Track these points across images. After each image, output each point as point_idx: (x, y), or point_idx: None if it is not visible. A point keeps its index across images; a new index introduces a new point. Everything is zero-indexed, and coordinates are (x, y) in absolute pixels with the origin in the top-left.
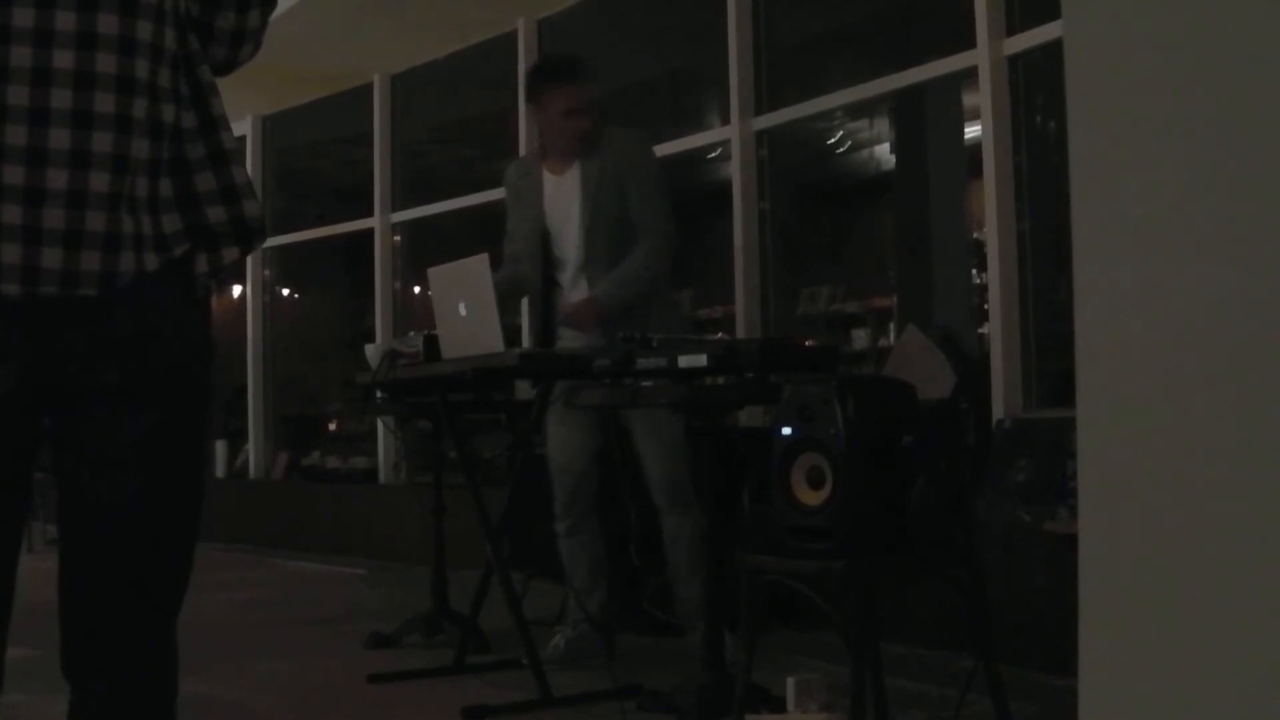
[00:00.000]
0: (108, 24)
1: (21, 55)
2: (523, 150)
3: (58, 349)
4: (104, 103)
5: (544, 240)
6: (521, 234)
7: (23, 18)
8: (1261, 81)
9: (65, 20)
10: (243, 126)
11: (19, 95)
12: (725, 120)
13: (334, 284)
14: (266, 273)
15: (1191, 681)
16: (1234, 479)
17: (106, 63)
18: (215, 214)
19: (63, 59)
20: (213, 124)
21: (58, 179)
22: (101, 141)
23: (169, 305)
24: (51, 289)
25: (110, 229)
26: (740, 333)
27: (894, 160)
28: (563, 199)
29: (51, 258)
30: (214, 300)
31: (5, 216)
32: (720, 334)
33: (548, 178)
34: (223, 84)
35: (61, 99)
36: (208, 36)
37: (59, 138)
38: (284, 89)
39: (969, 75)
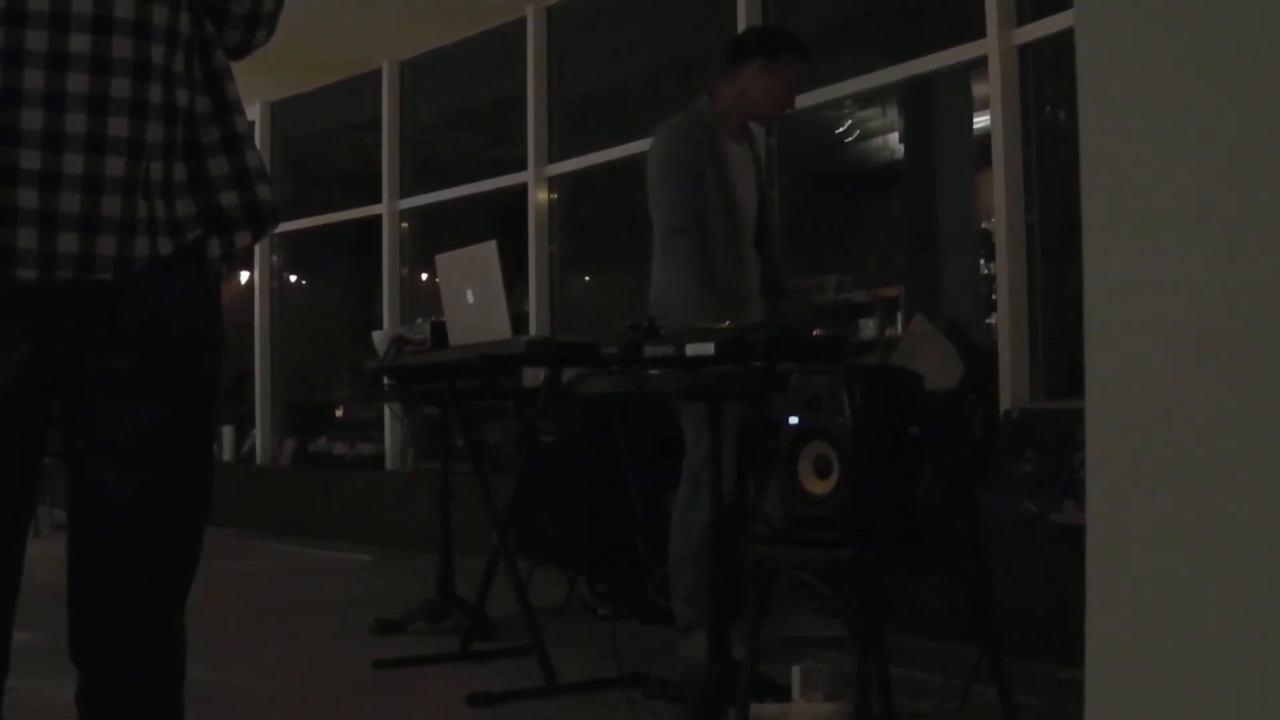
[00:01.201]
0: (124, 8)
1: (38, 40)
2: (531, 136)
3: (70, 335)
4: (120, 87)
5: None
6: (714, 207)
7: (39, 3)
8: (1273, 72)
9: (81, 5)
10: (251, 112)
11: (36, 80)
12: None
13: (342, 270)
14: (274, 259)
15: (1198, 673)
16: (1242, 471)
17: (122, 47)
18: (228, 198)
19: (79, 44)
20: (226, 108)
21: (74, 164)
22: (117, 126)
23: (181, 290)
24: (68, 274)
25: (126, 214)
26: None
27: (903, 150)
28: (743, 170)
29: (68, 242)
30: (222, 286)
31: (22, 201)
32: (727, 322)
33: (731, 146)
34: (232, 67)
35: (78, 83)
36: (222, 20)
37: (75, 122)
38: (292, 75)
39: (979, 65)
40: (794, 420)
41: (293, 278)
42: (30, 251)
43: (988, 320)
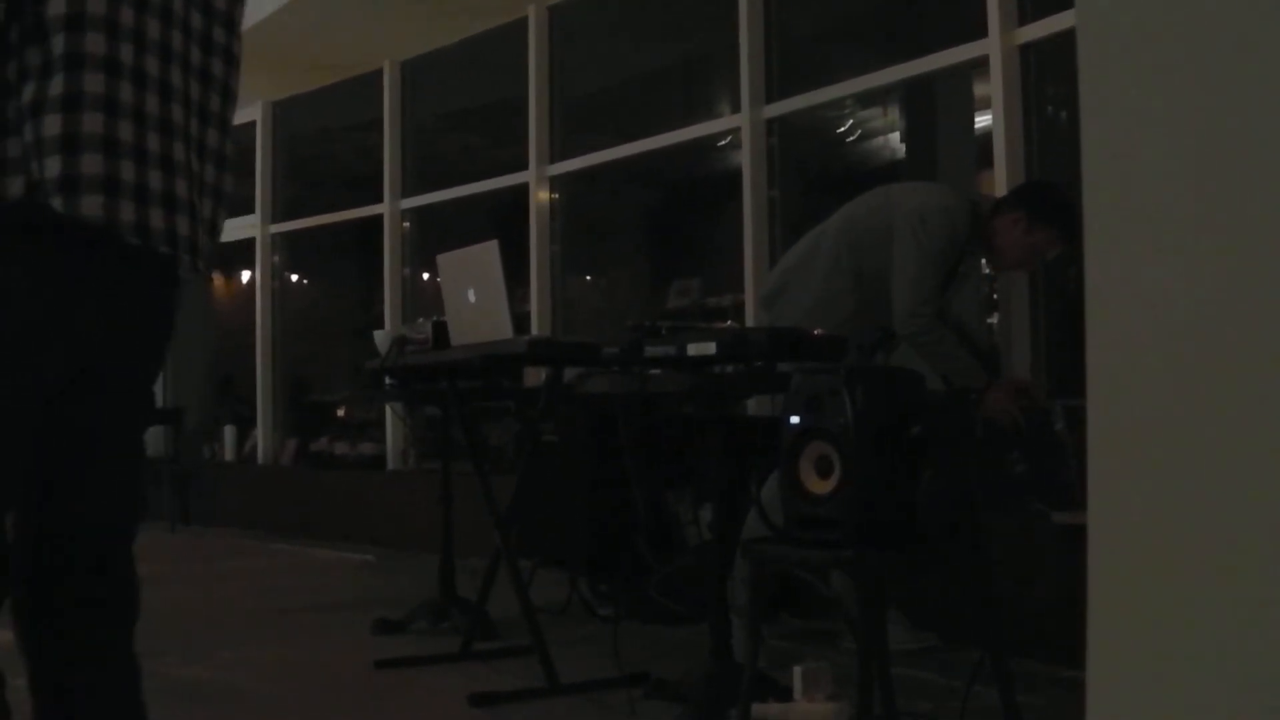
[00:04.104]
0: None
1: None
2: (532, 136)
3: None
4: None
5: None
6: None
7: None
8: (1275, 72)
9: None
10: (253, 112)
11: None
12: (735, 109)
13: (343, 270)
14: (276, 259)
15: (1199, 673)
16: (1243, 471)
17: (218, 69)
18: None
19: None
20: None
21: (182, 153)
22: (213, 138)
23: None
24: (183, 254)
25: (197, 212)
26: (749, 321)
27: (904, 150)
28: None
29: (184, 226)
30: (222, 285)
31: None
32: (729, 322)
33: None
34: None
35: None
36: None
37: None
38: (294, 75)
39: (980, 65)
40: (795, 420)
41: (294, 277)
42: (160, 230)
43: (990, 320)
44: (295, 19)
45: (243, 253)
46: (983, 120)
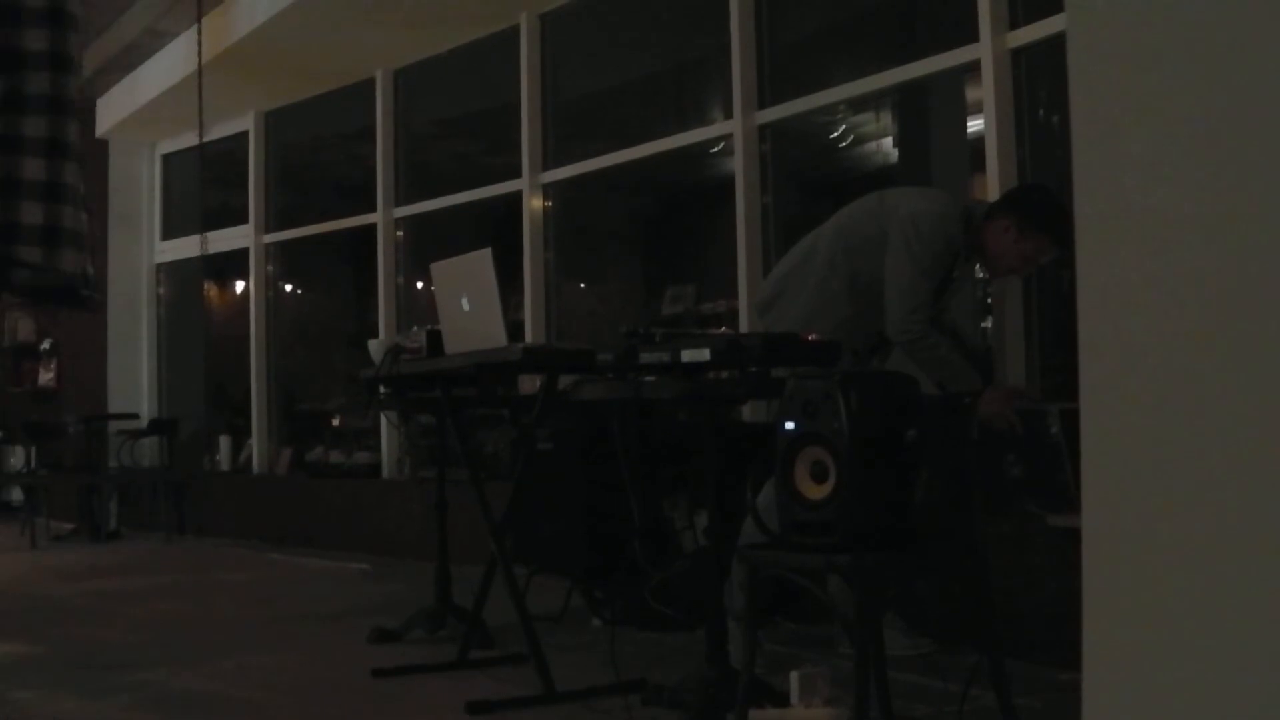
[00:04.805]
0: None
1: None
2: (525, 144)
3: None
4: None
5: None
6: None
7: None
8: (1265, 75)
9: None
10: (245, 122)
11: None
12: (728, 115)
13: (337, 279)
14: (270, 268)
15: (1195, 675)
16: (1237, 472)
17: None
18: None
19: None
20: None
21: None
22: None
23: None
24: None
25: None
26: (743, 327)
27: (897, 155)
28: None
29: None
30: (216, 295)
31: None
32: (723, 328)
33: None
34: (226, 77)
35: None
36: None
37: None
38: (287, 84)
39: (972, 69)
40: (790, 425)
41: (288, 287)
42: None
43: (983, 324)
44: (287, 28)
45: (236, 263)
46: (975, 124)
